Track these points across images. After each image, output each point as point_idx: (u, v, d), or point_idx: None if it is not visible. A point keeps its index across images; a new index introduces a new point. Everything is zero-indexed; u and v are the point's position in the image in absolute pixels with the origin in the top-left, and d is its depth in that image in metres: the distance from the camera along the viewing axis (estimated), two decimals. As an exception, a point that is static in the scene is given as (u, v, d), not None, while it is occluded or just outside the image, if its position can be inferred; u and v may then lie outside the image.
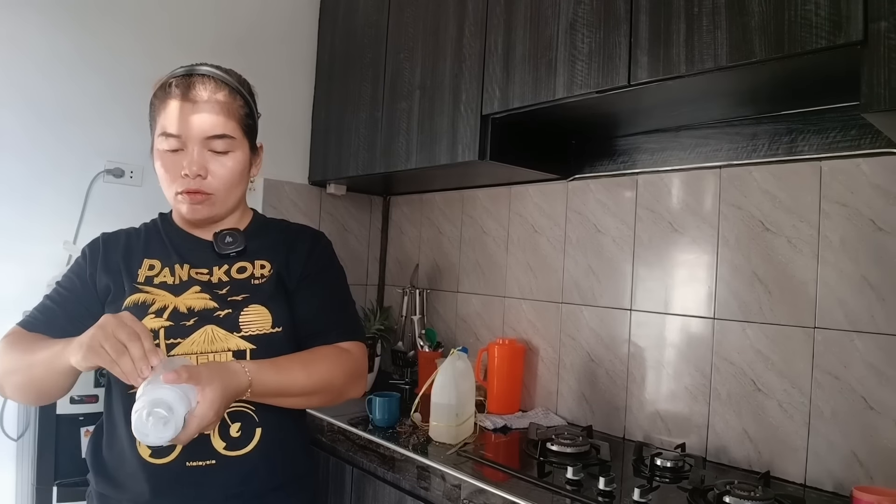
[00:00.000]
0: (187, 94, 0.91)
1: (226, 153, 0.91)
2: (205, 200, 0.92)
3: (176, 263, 0.94)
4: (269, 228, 1.03)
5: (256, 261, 0.96)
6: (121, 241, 0.99)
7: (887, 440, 1.25)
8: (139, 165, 1.94)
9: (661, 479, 1.34)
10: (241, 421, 0.85)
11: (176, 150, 0.90)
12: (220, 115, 0.91)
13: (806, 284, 1.37)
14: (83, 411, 1.56)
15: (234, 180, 0.93)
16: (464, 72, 1.70)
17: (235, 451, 0.84)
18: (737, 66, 1.14)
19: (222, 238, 0.96)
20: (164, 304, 0.89)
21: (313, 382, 0.86)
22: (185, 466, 0.82)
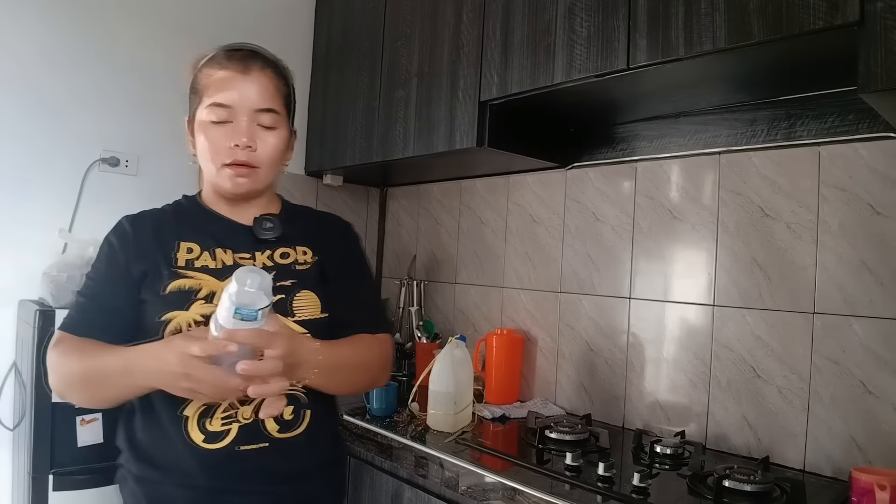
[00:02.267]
0: (240, 65, 0.90)
1: (272, 128, 0.91)
2: (250, 173, 0.91)
3: (217, 247, 0.92)
4: (300, 214, 1.04)
5: (297, 247, 0.96)
6: (148, 223, 0.96)
7: (886, 424, 1.24)
8: (135, 154, 1.93)
9: (660, 465, 1.34)
10: (294, 404, 0.86)
11: (224, 121, 0.89)
12: (270, 89, 0.92)
13: (805, 270, 1.37)
14: (79, 400, 1.55)
15: (277, 157, 0.94)
16: (462, 58, 1.69)
17: (287, 433, 0.86)
18: (735, 47, 1.13)
19: (262, 223, 0.94)
20: (211, 289, 0.87)
21: (361, 366, 0.91)
22: (237, 451, 0.83)
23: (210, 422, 0.83)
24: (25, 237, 1.74)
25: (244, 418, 0.84)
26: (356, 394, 0.98)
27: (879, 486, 1.07)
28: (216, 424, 0.83)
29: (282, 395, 0.77)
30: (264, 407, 0.76)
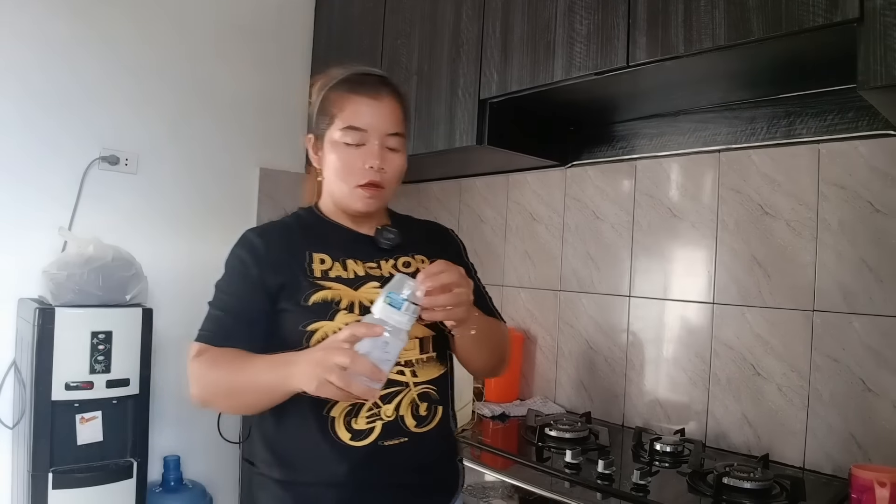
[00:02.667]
0: (373, 91, 0.96)
1: (397, 151, 0.97)
2: (379, 193, 0.96)
3: (348, 258, 0.96)
4: (409, 223, 1.09)
5: (416, 255, 1.01)
6: (275, 236, 0.98)
7: (885, 422, 1.24)
8: (134, 153, 1.93)
9: (660, 463, 1.34)
10: (427, 401, 0.93)
11: (358, 144, 0.94)
12: (399, 115, 0.98)
13: (805, 267, 1.37)
14: (78, 398, 1.55)
15: (400, 176, 0.99)
16: (461, 56, 1.69)
17: (423, 427, 0.92)
18: (735, 45, 1.13)
19: (384, 234, 0.99)
20: (350, 299, 0.91)
21: (497, 343, 1.00)
22: (381, 446, 0.88)
23: (356, 420, 0.88)
24: (25, 235, 1.74)
25: (386, 416, 0.89)
26: (487, 373, 1.07)
27: (879, 482, 1.07)
28: (361, 423, 0.88)
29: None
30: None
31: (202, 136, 2.07)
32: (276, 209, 2.24)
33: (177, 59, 2.01)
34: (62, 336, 1.52)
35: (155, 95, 1.96)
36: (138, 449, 1.64)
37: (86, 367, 1.55)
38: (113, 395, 1.59)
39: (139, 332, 1.63)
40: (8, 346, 1.73)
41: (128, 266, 1.67)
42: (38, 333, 1.50)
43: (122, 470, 1.61)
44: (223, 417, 2.10)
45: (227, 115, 2.12)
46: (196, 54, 2.05)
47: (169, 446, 1.96)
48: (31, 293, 1.72)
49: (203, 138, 2.07)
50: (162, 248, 1.97)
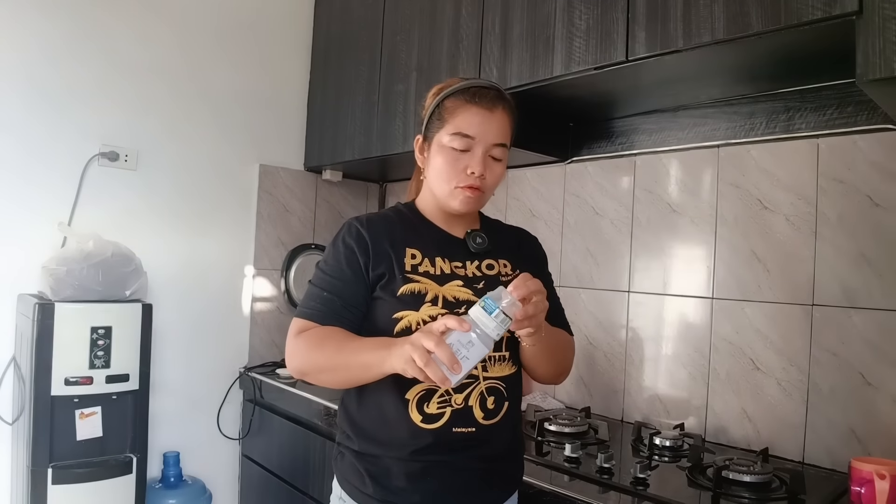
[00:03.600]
0: (489, 104, 1.02)
1: (500, 160, 1.04)
2: (477, 196, 1.03)
3: (437, 256, 1.04)
4: (497, 229, 1.15)
5: (500, 259, 1.08)
6: (380, 228, 1.05)
7: (885, 416, 1.24)
8: (134, 149, 1.93)
9: (659, 457, 1.34)
10: (495, 395, 0.99)
11: (464, 150, 1.01)
12: (507, 128, 1.05)
13: (804, 262, 1.37)
14: (78, 393, 1.55)
15: (498, 184, 1.06)
16: (461, 52, 1.69)
17: (490, 420, 0.98)
18: (734, 39, 1.13)
19: (474, 238, 1.07)
20: (435, 293, 0.99)
21: (562, 352, 1.07)
22: (451, 431, 0.96)
23: (427, 405, 0.96)
24: (24, 231, 1.74)
25: (456, 404, 0.96)
26: (549, 381, 1.11)
27: (879, 475, 1.06)
28: (433, 407, 0.96)
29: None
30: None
31: (202, 133, 2.07)
32: (275, 206, 2.24)
33: (177, 56, 2.01)
34: (62, 331, 1.52)
35: (155, 92, 1.96)
36: (138, 444, 1.64)
37: (85, 363, 1.55)
38: (112, 390, 1.59)
39: (139, 328, 1.63)
40: (7, 342, 1.73)
41: (127, 262, 1.67)
42: (38, 329, 1.50)
43: (122, 465, 1.61)
44: (223, 414, 2.11)
45: (226, 111, 2.12)
46: (196, 51, 2.05)
47: (169, 443, 1.96)
48: (31, 289, 1.72)
49: (203, 135, 2.07)
50: (162, 244, 1.97)
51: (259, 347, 2.20)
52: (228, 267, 2.14)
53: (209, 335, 2.08)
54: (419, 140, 1.08)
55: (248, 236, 2.19)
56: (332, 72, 2.21)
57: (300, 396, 1.83)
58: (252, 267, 2.19)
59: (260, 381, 2.04)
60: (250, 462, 2.09)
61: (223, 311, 2.13)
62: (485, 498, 1.00)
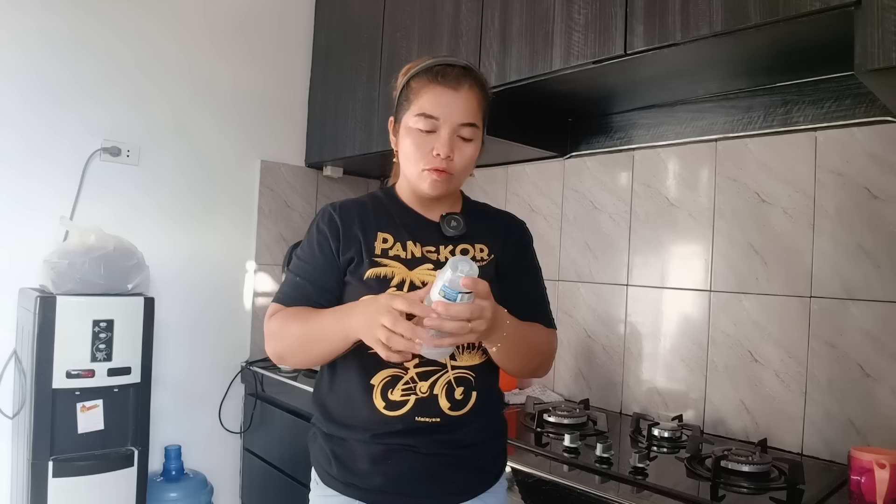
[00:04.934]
0: (453, 83, 0.99)
1: (469, 140, 1.00)
2: (446, 178, 1.00)
3: (408, 240, 1.02)
4: (480, 213, 1.11)
5: (476, 244, 1.04)
6: (353, 213, 1.05)
7: (884, 407, 1.25)
8: (136, 145, 1.93)
9: (658, 448, 1.34)
10: (464, 385, 0.97)
11: (429, 131, 0.99)
12: (474, 106, 1.00)
13: (802, 254, 1.37)
14: (79, 386, 1.55)
15: (470, 165, 1.02)
16: (461, 47, 1.70)
17: (457, 411, 0.96)
18: (732, 31, 1.14)
19: (448, 221, 1.04)
20: (402, 278, 0.98)
21: (535, 348, 1.00)
22: (414, 420, 0.95)
23: (392, 392, 0.95)
24: (26, 226, 1.75)
25: (420, 392, 0.95)
26: (525, 376, 1.10)
27: (879, 464, 1.07)
28: (396, 395, 0.95)
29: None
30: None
31: (203, 129, 2.08)
32: (276, 201, 2.25)
33: (179, 52, 2.02)
34: (63, 324, 1.52)
35: (157, 88, 1.97)
36: (139, 437, 1.64)
37: (87, 356, 1.55)
38: (114, 383, 1.59)
39: (141, 321, 1.63)
40: (9, 336, 1.73)
41: (129, 255, 1.67)
42: (40, 322, 1.51)
43: (123, 458, 1.61)
44: (224, 407, 2.12)
45: (228, 107, 2.13)
46: (198, 47, 2.06)
47: (170, 436, 1.97)
48: (33, 283, 1.73)
49: (204, 131, 2.08)
50: (163, 239, 1.98)
51: (260, 342, 2.20)
52: (230, 262, 2.15)
53: (211, 330, 2.09)
54: (392, 122, 1.06)
55: (249, 232, 2.19)
56: (333, 68, 2.22)
57: (301, 390, 1.84)
58: (253, 262, 2.20)
59: (261, 376, 2.04)
60: (252, 455, 2.10)
61: (225, 305, 2.13)
62: (455, 481, 0.97)
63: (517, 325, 0.94)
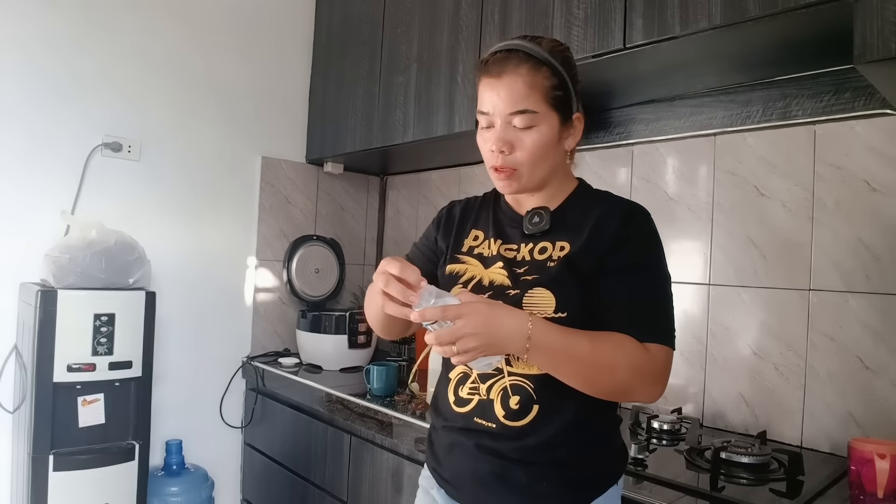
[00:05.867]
0: (495, 70, 0.91)
1: (528, 128, 0.91)
2: (511, 175, 0.92)
3: (492, 237, 0.99)
4: (584, 206, 0.97)
5: (557, 241, 0.93)
6: (462, 209, 1.06)
7: (884, 399, 1.25)
8: (138, 140, 1.94)
9: (658, 441, 1.34)
10: (520, 395, 0.89)
11: (488, 126, 0.93)
12: (521, 90, 0.90)
13: (801, 247, 1.38)
14: (80, 379, 1.55)
15: (539, 154, 0.91)
16: (460, 43, 1.71)
17: (512, 421, 0.90)
18: (731, 24, 1.14)
19: (530, 217, 0.96)
20: (473, 275, 0.96)
21: (596, 359, 0.84)
22: (473, 421, 0.92)
23: (461, 388, 0.95)
24: (27, 220, 1.75)
25: (482, 395, 0.92)
26: (606, 397, 0.87)
27: (879, 455, 1.07)
28: (464, 392, 0.95)
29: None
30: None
31: (204, 125, 2.08)
32: (277, 197, 2.26)
33: (180, 48, 2.02)
34: (64, 318, 1.53)
35: (158, 84, 1.98)
36: (140, 432, 1.65)
37: (88, 350, 1.56)
38: (115, 377, 1.60)
39: (142, 315, 1.63)
40: (9, 331, 1.74)
41: (131, 250, 1.68)
42: (41, 316, 1.51)
43: (124, 452, 1.62)
44: (225, 402, 2.12)
45: (229, 104, 2.13)
46: (199, 43, 2.06)
47: (171, 431, 1.98)
48: (33, 278, 1.73)
49: (205, 127, 2.09)
50: (165, 235, 1.98)
51: (261, 337, 2.21)
52: (231, 257, 2.15)
53: (212, 325, 2.10)
54: None
55: (250, 227, 2.20)
56: (334, 64, 2.23)
57: (302, 384, 1.84)
58: (254, 258, 2.21)
59: (262, 371, 2.05)
60: (252, 450, 2.10)
61: (226, 301, 2.14)
62: (506, 497, 0.90)
63: (555, 336, 0.82)
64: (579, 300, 0.88)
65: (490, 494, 0.92)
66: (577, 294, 0.88)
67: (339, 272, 2.33)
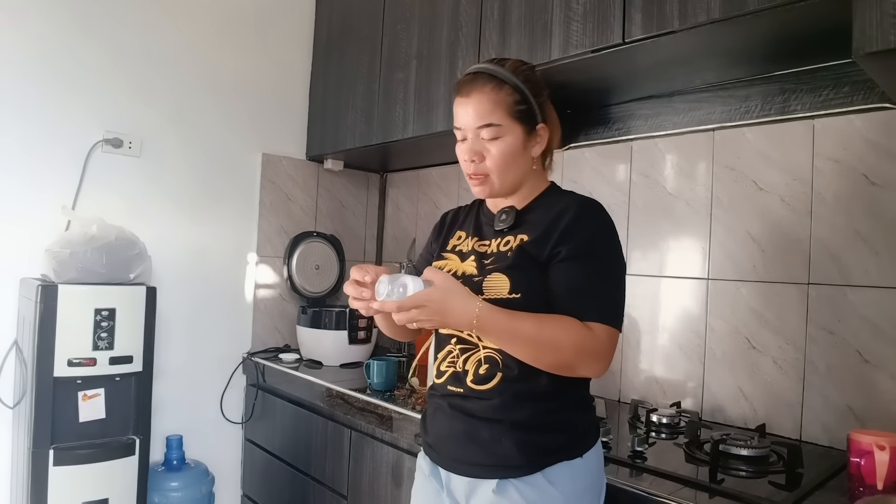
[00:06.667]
0: (463, 91, 1.05)
1: (494, 139, 1.03)
2: (483, 181, 1.06)
3: (471, 236, 1.13)
4: (549, 203, 1.08)
5: (518, 234, 1.06)
6: (451, 215, 1.22)
7: (883, 392, 1.25)
8: (138, 136, 1.94)
9: (657, 434, 1.35)
10: (489, 364, 1.02)
11: (462, 139, 1.07)
12: (486, 106, 1.03)
13: (799, 241, 1.38)
14: (81, 374, 1.56)
15: (505, 161, 1.05)
16: (460, 39, 1.71)
17: (479, 385, 1.02)
18: (730, 18, 1.15)
19: (499, 216, 1.10)
20: (451, 268, 1.10)
21: (540, 338, 0.95)
22: (447, 388, 1.06)
23: (443, 364, 1.09)
24: (27, 216, 1.76)
25: (458, 367, 1.05)
26: (553, 371, 0.97)
27: (879, 446, 1.08)
28: (442, 366, 1.09)
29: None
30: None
31: (205, 122, 2.09)
32: (277, 194, 2.26)
33: (181, 44, 2.03)
34: (65, 313, 1.53)
35: (158, 80, 1.98)
36: (141, 426, 1.65)
37: (89, 344, 1.56)
38: (116, 371, 1.60)
39: (143, 310, 1.64)
40: (10, 326, 1.74)
41: (132, 245, 1.68)
42: (41, 310, 1.52)
43: (124, 447, 1.62)
44: (226, 398, 2.12)
45: (229, 101, 2.14)
46: (200, 39, 2.07)
47: (172, 426, 1.98)
48: (34, 273, 1.74)
49: (206, 124, 2.09)
50: (165, 231, 1.99)
51: (262, 333, 2.22)
52: (232, 254, 2.16)
53: (212, 321, 2.10)
54: None
55: (251, 224, 2.20)
56: (334, 61, 2.23)
57: (303, 379, 1.85)
58: (255, 254, 2.21)
59: (263, 366, 2.05)
60: (253, 446, 2.10)
61: (226, 297, 2.14)
62: (476, 452, 1.00)
63: (499, 317, 0.94)
64: (532, 283, 0.99)
65: (461, 450, 1.03)
66: (529, 278, 1.00)
67: (340, 269, 2.33)
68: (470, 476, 1.01)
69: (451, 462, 1.04)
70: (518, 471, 0.98)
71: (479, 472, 1.00)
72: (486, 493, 0.99)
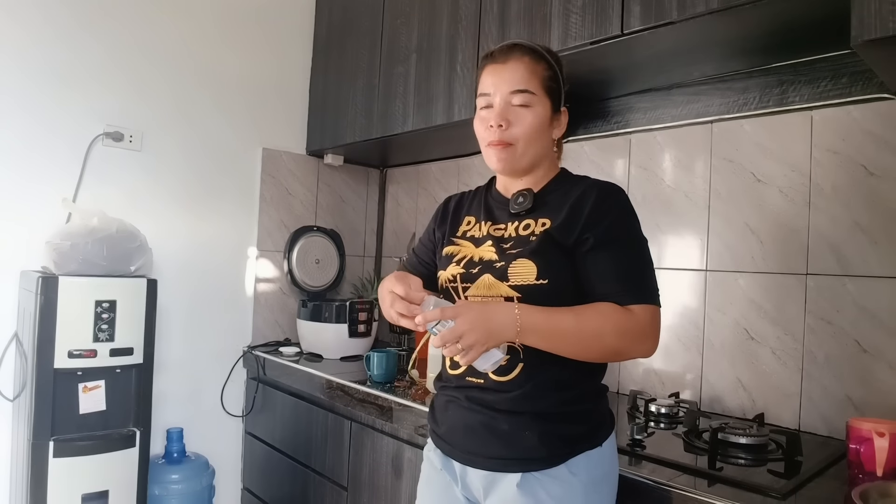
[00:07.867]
0: (501, 57, 1.04)
1: (526, 107, 1.02)
2: (506, 150, 1.02)
3: (484, 220, 1.09)
4: (564, 188, 1.06)
5: (539, 219, 1.04)
6: (457, 199, 1.19)
7: (882, 382, 1.26)
8: (139, 130, 1.95)
9: (655, 424, 1.35)
10: (510, 355, 0.98)
11: (486, 106, 1.04)
12: (523, 73, 1.03)
13: (798, 232, 1.38)
14: (81, 366, 1.56)
15: (533, 132, 1.02)
16: (460, 32, 1.71)
17: (500, 377, 1.00)
18: (728, 8, 1.15)
19: (515, 198, 1.07)
20: (465, 254, 1.07)
21: (582, 329, 0.94)
22: (465, 379, 1.03)
23: None
24: (28, 209, 1.76)
25: None
26: (603, 360, 1.00)
27: (878, 433, 1.08)
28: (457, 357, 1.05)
29: (485, 351, 0.92)
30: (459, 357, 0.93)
31: (206, 116, 2.09)
32: (278, 189, 2.27)
33: (182, 39, 2.03)
34: (66, 305, 1.53)
35: (159, 74, 1.99)
36: (141, 418, 1.65)
37: (89, 336, 1.56)
38: (116, 363, 1.60)
39: (144, 302, 1.64)
40: (10, 319, 1.74)
41: (132, 238, 1.69)
42: (42, 302, 1.52)
43: (125, 439, 1.62)
44: (226, 391, 2.13)
45: (230, 95, 2.14)
46: (201, 34, 2.07)
47: (172, 419, 1.98)
48: (34, 266, 1.74)
49: (207, 118, 2.09)
50: (166, 224, 1.99)
51: (262, 327, 2.22)
52: (232, 248, 2.16)
53: (213, 314, 2.11)
54: None
55: (251, 218, 2.21)
56: (334, 55, 2.24)
57: (303, 372, 1.85)
58: (255, 248, 2.21)
59: (263, 359, 2.06)
60: (253, 438, 2.11)
61: (227, 290, 2.15)
62: (495, 445, 0.98)
63: (540, 316, 0.92)
64: (560, 269, 0.98)
65: (479, 443, 1.00)
66: (557, 263, 0.98)
67: (340, 263, 2.34)
68: (488, 469, 0.98)
69: (467, 455, 1.01)
70: (541, 463, 0.96)
71: (499, 465, 0.97)
72: (508, 487, 0.96)
